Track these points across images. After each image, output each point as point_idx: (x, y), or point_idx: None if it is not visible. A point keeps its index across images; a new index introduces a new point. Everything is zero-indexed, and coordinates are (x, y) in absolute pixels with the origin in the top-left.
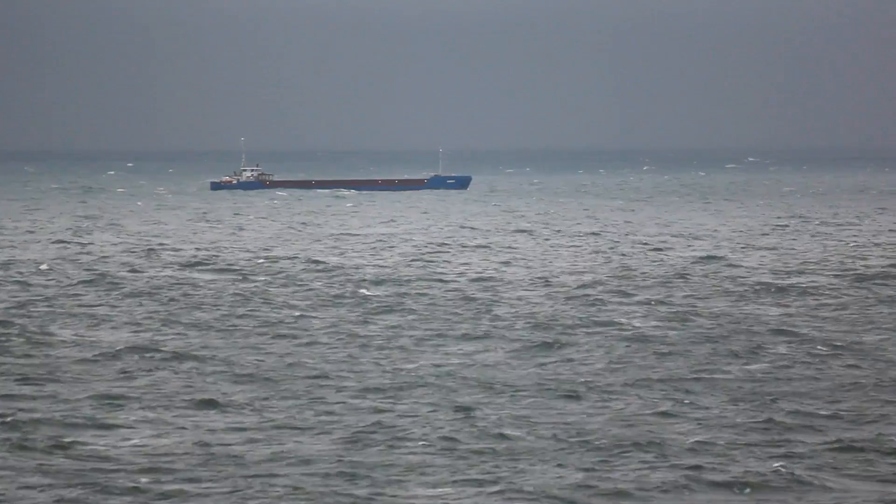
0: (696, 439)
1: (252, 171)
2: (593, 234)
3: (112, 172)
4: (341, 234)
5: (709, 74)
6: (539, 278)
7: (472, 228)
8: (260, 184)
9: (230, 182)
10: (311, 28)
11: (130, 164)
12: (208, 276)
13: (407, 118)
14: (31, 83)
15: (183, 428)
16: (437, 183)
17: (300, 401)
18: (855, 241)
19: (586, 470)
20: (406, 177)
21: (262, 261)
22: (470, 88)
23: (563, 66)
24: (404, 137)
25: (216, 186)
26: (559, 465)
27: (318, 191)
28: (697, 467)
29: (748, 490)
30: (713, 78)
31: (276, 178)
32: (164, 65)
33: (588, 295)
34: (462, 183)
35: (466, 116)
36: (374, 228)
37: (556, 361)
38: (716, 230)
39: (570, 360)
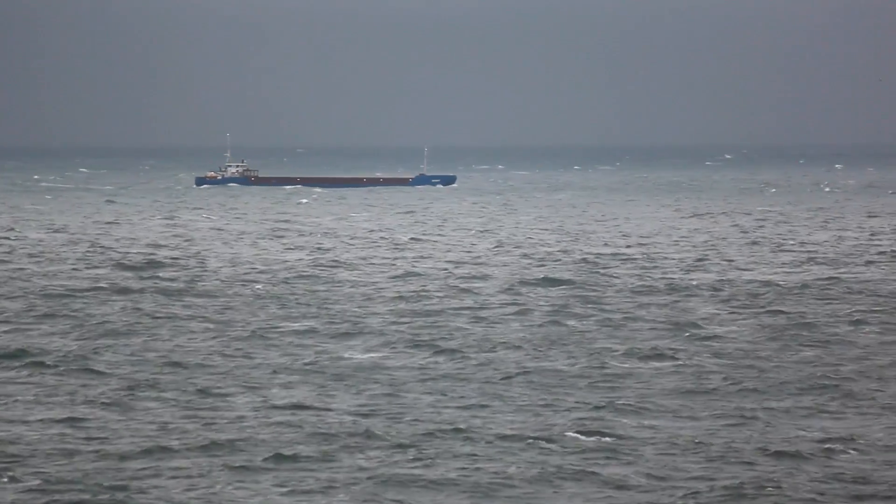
0: (510, 434)
1: (237, 166)
2: (517, 229)
3: (84, 170)
4: (271, 230)
5: (706, 72)
6: (449, 273)
7: (410, 223)
8: (245, 179)
9: (215, 177)
10: (301, 25)
11: (102, 160)
12: (112, 272)
13: (395, 115)
14: (23, 80)
15: (38, 423)
16: (422, 181)
17: (172, 394)
18: (778, 240)
19: (392, 462)
20: (391, 175)
21: (175, 256)
22: (459, 86)
23: (559, 64)
24: (393, 134)
25: (201, 182)
26: (363, 460)
27: (286, 187)
28: (502, 460)
29: (551, 487)
30: (711, 76)
31: (261, 174)
32: (152, 62)
33: (482, 291)
34: (446, 182)
35: (455, 114)
36: (315, 225)
37: (428, 356)
38: (640, 226)
39: (444, 352)
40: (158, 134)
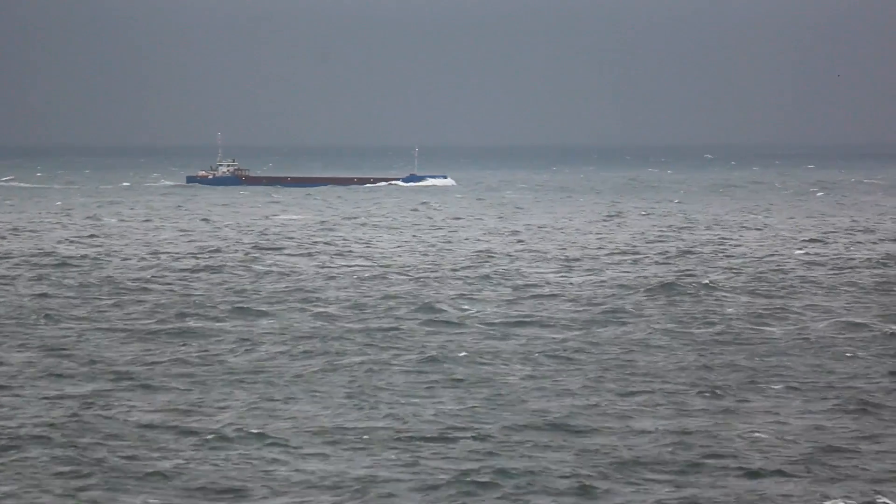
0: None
1: (228, 166)
2: (439, 227)
3: (60, 172)
4: (191, 230)
5: (707, 73)
6: (350, 270)
7: (347, 220)
8: (236, 179)
9: (206, 177)
10: (295, 25)
11: (89, 160)
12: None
13: (390, 116)
14: (17, 79)
15: None
16: (413, 181)
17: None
18: (675, 241)
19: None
20: (383, 175)
21: (72, 254)
22: (456, 86)
23: (559, 64)
24: (387, 134)
25: (192, 181)
26: (156, 461)
27: (249, 188)
28: (322, 458)
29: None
30: (712, 77)
31: (252, 173)
32: (147, 61)
33: (354, 290)
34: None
35: (452, 114)
36: (238, 226)
37: (264, 353)
38: (552, 227)
39: (275, 347)
40: (155, 133)
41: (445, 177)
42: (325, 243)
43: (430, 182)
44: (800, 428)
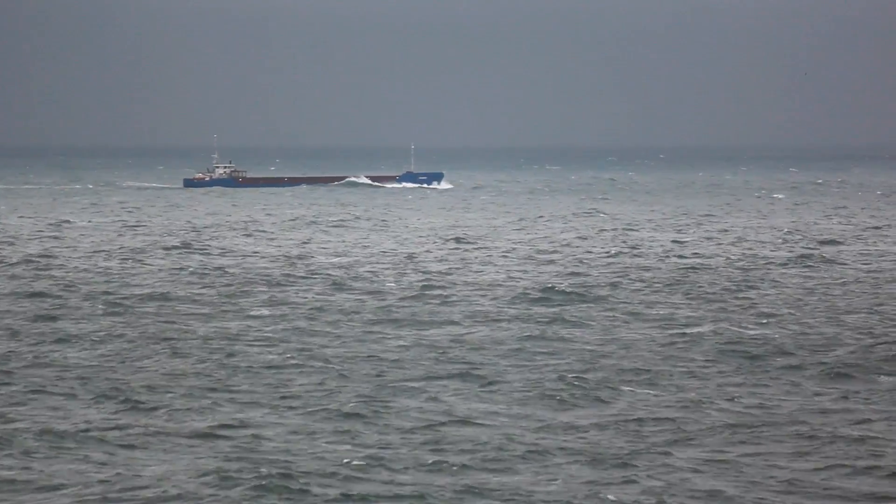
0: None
1: (225, 167)
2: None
3: (41, 173)
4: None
5: (709, 74)
6: (278, 266)
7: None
8: (233, 181)
9: (203, 179)
10: (294, 25)
11: (84, 160)
12: None
13: (389, 115)
14: (19, 79)
15: None
16: (409, 179)
17: None
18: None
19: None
20: (379, 174)
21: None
22: (452, 87)
23: (560, 64)
24: (386, 135)
25: (189, 183)
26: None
27: (252, 188)
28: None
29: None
30: (713, 78)
31: (249, 174)
32: (144, 61)
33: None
34: (434, 178)
35: (448, 114)
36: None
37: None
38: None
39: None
40: (152, 133)
41: (441, 175)
42: (252, 242)
43: (426, 182)
44: (612, 433)
